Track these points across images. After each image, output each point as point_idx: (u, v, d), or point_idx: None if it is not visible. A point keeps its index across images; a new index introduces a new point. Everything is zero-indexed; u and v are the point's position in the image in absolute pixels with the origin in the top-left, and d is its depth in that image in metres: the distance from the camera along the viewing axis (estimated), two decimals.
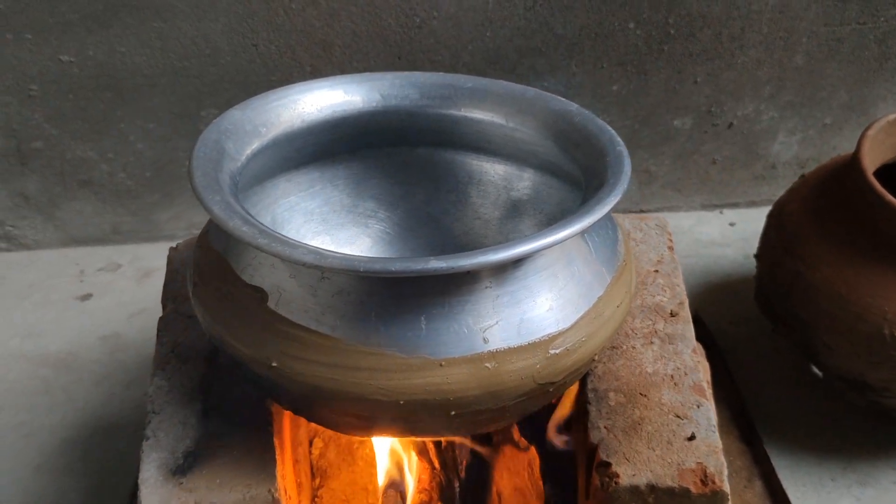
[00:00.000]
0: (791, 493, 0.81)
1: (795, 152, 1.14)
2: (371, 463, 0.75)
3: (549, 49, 1.01)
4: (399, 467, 0.70)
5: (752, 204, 1.18)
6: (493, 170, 0.75)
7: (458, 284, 0.51)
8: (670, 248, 0.75)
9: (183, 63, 1.00)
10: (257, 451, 0.58)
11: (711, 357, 0.89)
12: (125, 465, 0.82)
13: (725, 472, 0.56)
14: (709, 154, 1.13)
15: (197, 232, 1.14)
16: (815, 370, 0.91)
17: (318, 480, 0.77)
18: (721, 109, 1.08)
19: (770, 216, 0.90)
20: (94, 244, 1.13)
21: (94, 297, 1.06)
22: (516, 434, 0.70)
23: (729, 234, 1.14)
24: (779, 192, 1.15)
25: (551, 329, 0.52)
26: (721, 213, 1.18)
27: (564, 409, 0.67)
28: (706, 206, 1.18)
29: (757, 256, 0.91)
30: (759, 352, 0.96)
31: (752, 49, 1.04)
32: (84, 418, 0.90)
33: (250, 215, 0.53)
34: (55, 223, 1.10)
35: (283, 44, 0.99)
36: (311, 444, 0.79)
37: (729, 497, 0.55)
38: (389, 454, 0.70)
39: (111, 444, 0.86)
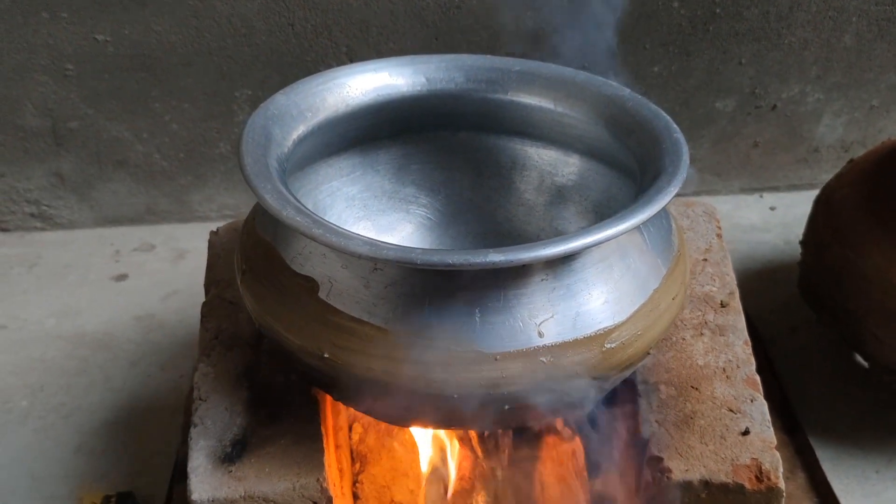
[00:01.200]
0: (835, 484, 0.80)
1: (840, 135, 1.11)
2: (411, 449, 0.75)
3: (591, 30, 0.99)
4: (442, 455, 0.70)
5: (794, 188, 1.15)
6: (538, 155, 0.74)
7: (514, 277, 0.50)
8: (719, 236, 0.73)
9: (218, 43, 0.98)
10: (305, 440, 0.58)
11: (752, 346, 0.88)
12: (164, 446, 0.82)
13: (781, 468, 0.55)
14: (750, 137, 1.10)
15: (229, 214, 1.14)
16: (860, 360, 0.90)
17: (357, 465, 0.76)
18: (765, 91, 1.06)
19: (817, 202, 0.88)
20: (129, 224, 1.13)
21: (130, 278, 1.06)
22: (560, 424, 0.69)
23: (770, 219, 1.12)
24: (821, 175, 1.13)
25: (607, 322, 0.51)
26: (761, 197, 1.16)
27: None
28: (745, 190, 1.16)
29: (802, 243, 0.89)
30: (800, 340, 0.94)
31: (800, 29, 1.01)
32: (122, 399, 0.90)
33: (301, 204, 0.52)
34: (90, 203, 1.10)
35: (319, 23, 0.97)
36: (350, 429, 0.78)
37: (784, 494, 0.54)
38: (432, 442, 0.70)
39: (150, 426, 0.86)
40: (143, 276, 1.06)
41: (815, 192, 0.89)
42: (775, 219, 1.12)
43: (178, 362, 0.94)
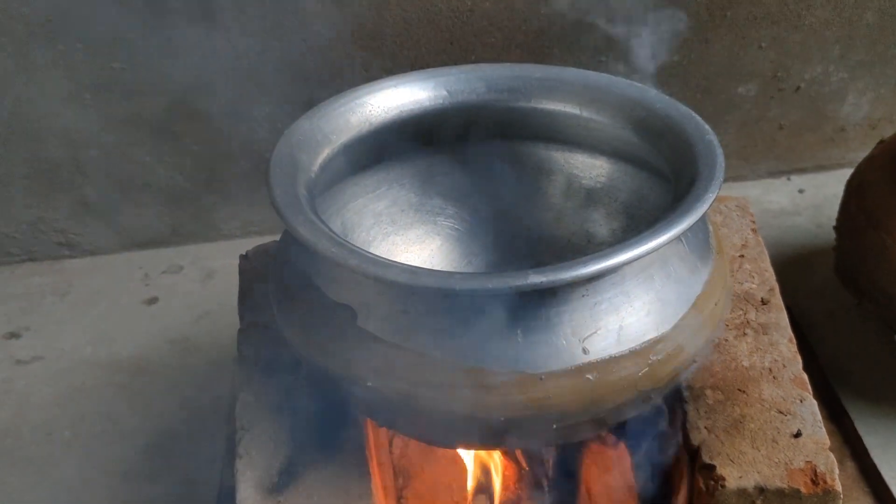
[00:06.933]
0: (885, 471, 0.78)
1: (866, 112, 1.09)
2: (453, 460, 0.75)
3: (606, 22, 0.97)
4: (486, 468, 0.69)
5: (821, 168, 1.14)
6: (565, 159, 0.73)
7: (554, 295, 0.49)
8: (754, 231, 0.72)
9: (233, 64, 0.98)
10: (351, 465, 0.58)
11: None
12: (209, 471, 0.83)
13: (836, 470, 0.54)
14: (775, 120, 1.08)
15: (253, 230, 1.14)
16: None
17: (401, 481, 0.76)
18: (787, 73, 1.04)
19: (849, 186, 0.86)
20: (156, 247, 1.13)
21: (161, 301, 1.07)
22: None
23: (799, 202, 1.10)
24: (849, 154, 1.11)
25: (652, 334, 0.51)
26: (789, 179, 1.14)
27: None
28: (773, 174, 1.14)
29: (836, 228, 0.87)
30: (840, 325, 0.93)
31: (820, 9, 0.99)
32: (163, 424, 0.91)
33: (334, 232, 0.51)
34: (116, 228, 1.11)
35: (333, 37, 0.97)
36: (391, 444, 0.78)
37: (841, 496, 0.53)
38: (475, 456, 0.70)
39: (192, 450, 0.87)
40: (173, 298, 1.07)
41: (843, 172, 0.88)
42: (805, 201, 1.10)
43: (215, 384, 0.95)
